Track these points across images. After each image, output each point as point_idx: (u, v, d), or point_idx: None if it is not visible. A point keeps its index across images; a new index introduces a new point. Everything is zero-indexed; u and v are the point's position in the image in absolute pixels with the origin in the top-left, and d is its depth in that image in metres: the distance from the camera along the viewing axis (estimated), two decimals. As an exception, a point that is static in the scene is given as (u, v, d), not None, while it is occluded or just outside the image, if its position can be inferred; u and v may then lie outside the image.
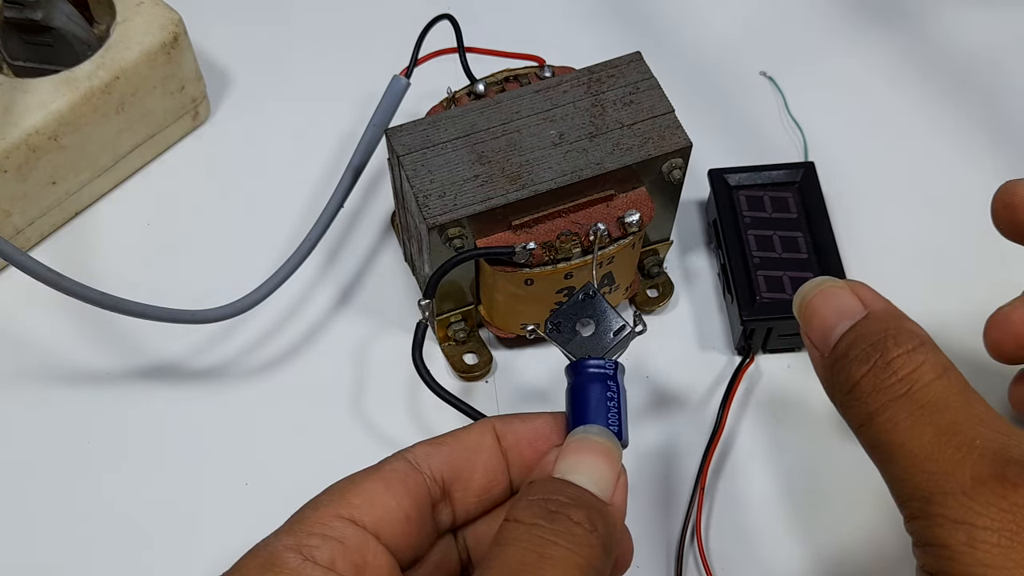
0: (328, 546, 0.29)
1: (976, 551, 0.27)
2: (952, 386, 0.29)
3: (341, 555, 0.29)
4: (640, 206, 0.42)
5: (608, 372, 0.36)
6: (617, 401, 0.35)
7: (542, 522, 0.28)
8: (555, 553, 0.28)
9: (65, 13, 0.48)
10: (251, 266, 0.48)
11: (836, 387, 0.31)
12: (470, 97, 0.45)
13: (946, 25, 0.58)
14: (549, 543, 0.28)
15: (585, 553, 0.28)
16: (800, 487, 0.44)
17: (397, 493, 0.31)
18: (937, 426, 0.28)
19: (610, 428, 0.35)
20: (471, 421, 0.42)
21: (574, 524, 0.28)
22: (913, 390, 0.29)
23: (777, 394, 0.46)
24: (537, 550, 0.28)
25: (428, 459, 0.32)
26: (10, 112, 0.45)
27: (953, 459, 0.28)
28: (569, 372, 0.38)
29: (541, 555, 0.28)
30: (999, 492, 0.27)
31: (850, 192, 0.51)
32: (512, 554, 0.28)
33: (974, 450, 0.28)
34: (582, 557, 0.28)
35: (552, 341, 0.38)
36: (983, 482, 0.27)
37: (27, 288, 0.43)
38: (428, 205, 0.40)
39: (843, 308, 0.32)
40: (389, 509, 0.30)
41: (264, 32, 0.57)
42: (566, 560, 0.28)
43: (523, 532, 0.28)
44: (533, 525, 0.28)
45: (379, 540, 0.30)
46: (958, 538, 0.27)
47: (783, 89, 0.55)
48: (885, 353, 0.30)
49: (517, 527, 0.29)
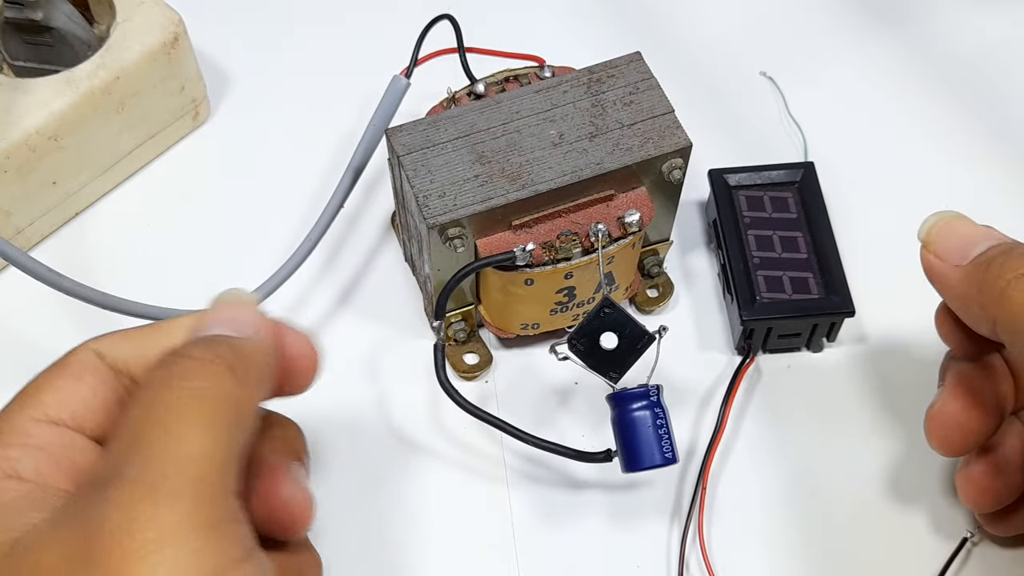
0: (31, 456, 0.27)
1: None
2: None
3: (46, 462, 0.27)
4: (640, 206, 0.42)
5: (653, 400, 0.38)
6: (666, 425, 0.38)
7: (159, 373, 0.27)
8: (170, 396, 0.26)
9: (65, 13, 0.48)
10: (251, 266, 0.48)
11: (985, 287, 0.34)
12: (470, 97, 0.45)
13: (946, 25, 0.58)
14: (164, 389, 0.26)
15: (206, 383, 0.27)
16: (801, 487, 0.44)
17: (89, 383, 0.29)
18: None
19: (664, 454, 0.37)
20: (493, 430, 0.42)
21: (192, 361, 0.27)
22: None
23: (777, 394, 0.46)
24: (151, 401, 0.26)
25: (114, 350, 0.30)
26: (10, 112, 0.45)
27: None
28: (612, 403, 0.39)
29: (155, 405, 0.26)
30: None
31: (850, 192, 0.51)
32: (128, 420, 0.26)
33: None
34: (203, 389, 0.27)
35: (581, 364, 0.39)
36: None
37: (27, 288, 0.43)
38: (428, 205, 0.40)
39: (981, 231, 0.36)
40: (85, 400, 0.29)
41: (264, 32, 0.57)
42: (185, 398, 0.26)
43: (140, 393, 0.27)
44: (150, 383, 0.27)
45: (84, 434, 0.28)
46: None
47: (783, 89, 0.55)
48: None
49: (137, 392, 0.27)
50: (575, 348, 0.39)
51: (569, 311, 0.44)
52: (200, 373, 0.27)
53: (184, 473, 0.25)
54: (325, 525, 0.43)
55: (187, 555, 0.24)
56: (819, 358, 0.47)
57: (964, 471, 0.40)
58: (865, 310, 0.47)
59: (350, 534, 0.42)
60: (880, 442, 0.45)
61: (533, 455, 0.44)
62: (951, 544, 0.42)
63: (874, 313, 0.48)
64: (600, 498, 0.43)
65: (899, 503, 0.43)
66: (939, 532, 0.42)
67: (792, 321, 0.45)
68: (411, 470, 0.44)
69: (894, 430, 0.45)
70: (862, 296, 0.46)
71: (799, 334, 0.46)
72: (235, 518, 0.26)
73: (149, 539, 0.24)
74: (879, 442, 0.45)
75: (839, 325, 0.46)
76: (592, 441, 0.44)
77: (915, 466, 0.44)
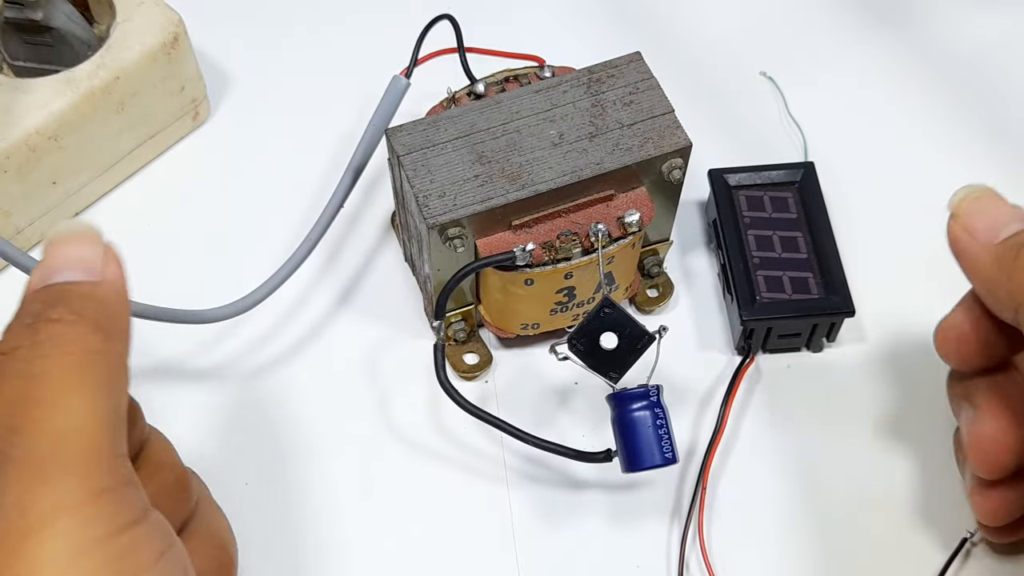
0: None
1: None
2: None
3: None
4: (640, 206, 0.42)
5: (653, 400, 0.38)
6: (665, 425, 0.38)
7: (23, 342, 0.26)
8: (43, 367, 0.26)
9: (65, 13, 0.48)
10: (251, 266, 0.48)
11: (1015, 274, 0.34)
12: (470, 97, 0.45)
13: (946, 25, 0.58)
14: (35, 359, 0.26)
15: (76, 347, 0.26)
16: (801, 487, 0.44)
17: None
18: None
19: (664, 454, 0.37)
20: (493, 430, 0.42)
21: (54, 323, 0.26)
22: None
23: (777, 394, 0.46)
24: (24, 374, 0.26)
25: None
26: (10, 112, 0.45)
27: None
28: (612, 403, 0.39)
29: (29, 378, 0.26)
30: None
31: (850, 192, 0.51)
32: (5, 397, 0.26)
33: None
34: (74, 354, 0.26)
35: (581, 364, 0.39)
36: None
37: (27, 288, 0.43)
38: (428, 205, 0.40)
39: (1013, 211, 0.36)
40: None
41: (264, 32, 0.57)
42: (58, 367, 0.26)
43: (7, 364, 0.26)
44: (15, 350, 0.26)
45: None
46: None
47: (783, 89, 0.55)
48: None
49: (7, 364, 0.26)
50: (575, 348, 0.39)
51: (569, 311, 0.44)
52: (68, 337, 0.27)
53: (71, 445, 0.25)
54: (326, 524, 0.43)
55: (79, 523, 0.25)
56: (819, 358, 0.47)
57: (980, 487, 0.39)
58: (865, 310, 0.47)
59: (350, 534, 0.42)
60: (880, 442, 0.45)
61: (533, 455, 0.44)
62: (951, 544, 0.42)
63: (874, 313, 0.48)
64: (600, 498, 0.43)
65: (899, 503, 0.43)
66: (939, 532, 0.42)
67: (792, 321, 0.45)
68: (411, 470, 0.44)
69: (894, 430, 0.45)
70: (862, 296, 0.46)
71: (799, 334, 0.46)
72: (126, 480, 0.27)
73: (41, 514, 0.25)
74: (879, 442, 0.45)
75: (839, 325, 0.46)
76: (592, 441, 0.44)
77: (915, 466, 0.44)
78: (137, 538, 0.26)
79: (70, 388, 0.26)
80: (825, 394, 0.46)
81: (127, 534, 0.26)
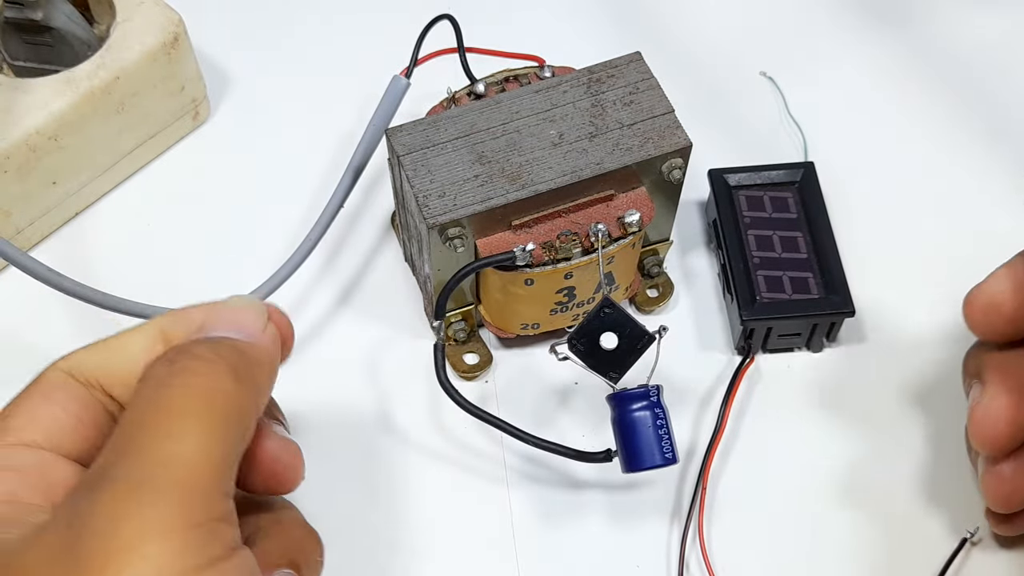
0: (4, 478, 0.27)
1: None
2: None
3: (20, 483, 0.27)
4: (640, 206, 0.42)
5: (653, 400, 0.38)
6: (666, 426, 0.38)
7: (159, 372, 0.27)
8: (168, 395, 0.26)
9: (65, 13, 0.48)
10: (251, 266, 0.48)
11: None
12: (470, 97, 0.45)
13: (946, 25, 0.58)
14: (163, 388, 0.26)
15: (206, 382, 0.27)
16: (801, 487, 0.44)
17: (60, 401, 0.29)
18: None
19: (664, 454, 0.37)
20: (493, 430, 0.42)
21: (193, 358, 0.27)
22: None
23: (777, 394, 0.46)
24: (149, 399, 0.26)
25: (82, 365, 0.30)
26: (10, 112, 0.45)
27: None
28: (612, 403, 0.39)
29: (152, 403, 0.26)
30: None
31: (850, 192, 0.51)
32: (122, 421, 0.26)
33: None
34: (202, 388, 0.27)
35: (581, 364, 0.39)
36: None
37: (27, 288, 0.43)
38: (428, 205, 0.40)
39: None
40: (57, 419, 0.29)
41: (264, 32, 0.57)
42: (182, 396, 0.26)
43: (139, 389, 0.27)
44: (148, 379, 0.27)
45: (60, 453, 0.28)
46: None
47: (783, 89, 0.54)
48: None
49: (138, 387, 0.27)
50: (575, 348, 0.39)
51: (569, 311, 0.44)
52: (201, 371, 0.27)
53: (172, 471, 0.25)
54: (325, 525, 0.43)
55: (168, 553, 0.24)
56: (819, 358, 0.47)
57: (993, 470, 0.38)
58: (865, 310, 0.47)
59: (350, 534, 0.42)
60: (880, 442, 0.45)
61: (533, 455, 0.44)
62: (951, 544, 0.42)
63: (874, 313, 0.48)
64: (600, 498, 0.43)
65: (899, 503, 0.43)
66: (938, 532, 0.42)
67: (792, 321, 0.45)
68: (411, 470, 0.44)
69: (894, 430, 0.45)
70: (862, 296, 0.46)
71: (799, 334, 0.46)
72: (223, 518, 0.26)
73: (130, 537, 0.24)
74: (879, 442, 0.45)
75: (839, 325, 0.46)
76: (592, 441, 0.44)
77: (915, 466, 0.44)
78: (222, 573, 0.25)
79: (187, 418, 0.26)
80: (825, 394, 0.46)
81: (212, 569, 0.25)
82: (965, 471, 0.43)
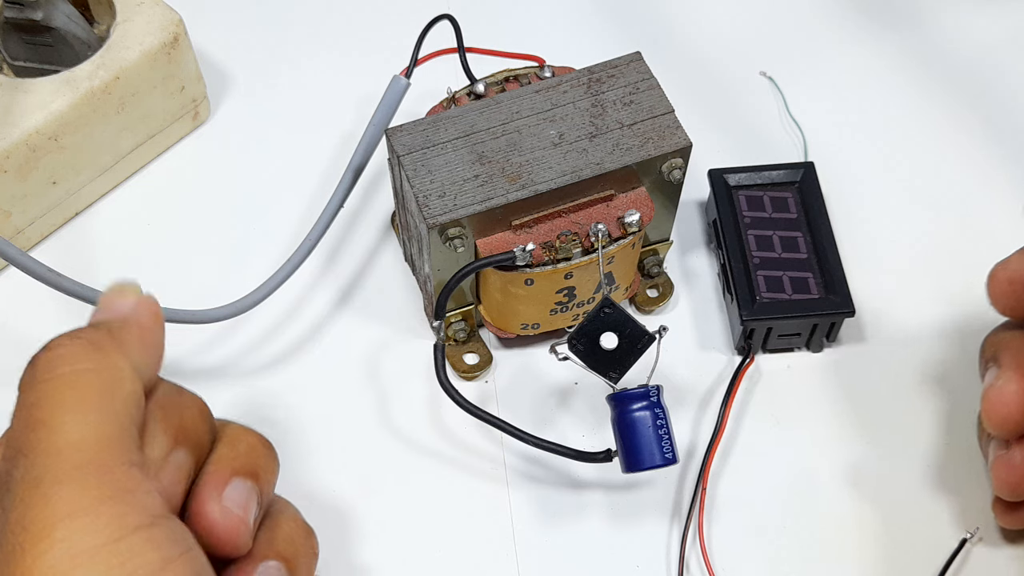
0: None
1: None
2: None
3: None
4: (640, 206, 0.42)
5: (653, 400, 0.38)
6: (666, 426, 0.38)
7: (26, 376, 0.29)
8: (41, 391, 0.28)
9: (65, 13, 0.48)
10: (251, 266, 0.48)
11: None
12: (470, 97, 0.45)
13: (946, 25, 0.58)
14: (35, 384, 0.28)
15: (66, 366, 0.28)
16: (801, 487, 0.44)
17: None
18: None
19: (664, 454, 0.38)
20: (493, 430, 0.42)
21: (50, 352, 0.29)
22: None
23: (777, 394, 0.46)
24: (28, 401, 0.28)
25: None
26: (10, 112, 0.45)
27: None
28: (612, 403, 0.39)
29: (32, 404, 0.28)
30: None
31: (850, 192, 0.51)
32: (11, 426, 0.28)
33: None
34: (64, 374, 0.28)
35: (581, 364, 0.39)
36: None
37: (27, 288, 0.43)
38: (428, 205, 0.40)
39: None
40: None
41: (264, 32, 0.57)
42: (52, 388, 0.28)
43: (18, 398, 0.28)
44: (21, 386, 0.28)
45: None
46: None
47: (783, 89, 0.55)
48: None
49: (16, 398, 0.28)
50: (575, 348, 0.39)
51: (569, 311, 0.44)
52: (61, 359, 0.28)
53: (66, 460, 0.27)
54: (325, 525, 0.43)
55: (76, 531, 0.26)
56: (819, 358, 0.47)
57: (1005, 456, 0.39)
58: (865, 310, 0.47)
59: (350, 534, 0.42)
60: (880, 442, 0.45)
61: (533, 455, 0.44)
62: (950, 544, 0.42)
63: (874, 313, 0.48)
64: (600, 498, 0.43)
65: (898, 503, 0.43)
66: (938, 532, 0.42)
67: (792, 321, 0.45)
68: (411, 470, 0.44)
69: (894, 430, 0.45)
70: (862, 296, 0.46)
71: (799, 334, 0.46)
72: (134, 487, 0.27)
73: (39, 527, 0.26)
74: (879, 442, 0.45)
75: (839, 325, 0.46)
76: (592, 441, 0.44)
77: (915, 466, 0.44)
78: (142, 543, 0.26)
79: (63, 406, 0.28)
80: (825, 394, 0.46)
81: (130, 539, 0.26)
82: (965, 471, 0.44)
